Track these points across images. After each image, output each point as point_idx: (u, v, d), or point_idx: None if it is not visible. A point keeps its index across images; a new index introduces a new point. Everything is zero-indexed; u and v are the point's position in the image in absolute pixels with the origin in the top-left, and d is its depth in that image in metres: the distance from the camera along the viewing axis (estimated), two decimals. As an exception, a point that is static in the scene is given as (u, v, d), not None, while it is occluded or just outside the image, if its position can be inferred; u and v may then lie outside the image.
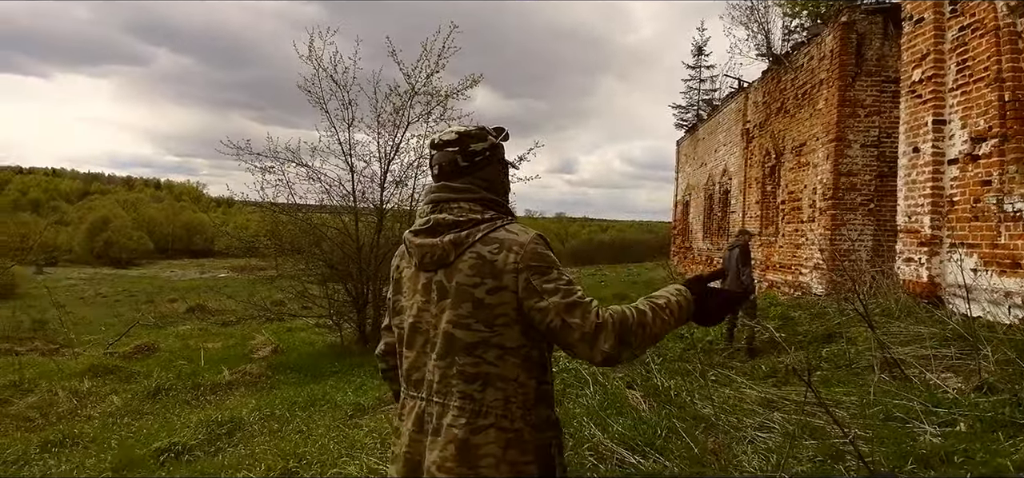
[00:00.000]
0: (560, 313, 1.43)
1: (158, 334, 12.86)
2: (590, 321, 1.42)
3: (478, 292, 1.46)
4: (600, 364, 1.46)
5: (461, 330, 1.47)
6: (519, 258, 1.46)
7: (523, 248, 1.46)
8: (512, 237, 1.49)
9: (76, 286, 29.57)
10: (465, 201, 1.54)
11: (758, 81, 14.56)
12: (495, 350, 1.47)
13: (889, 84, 10.13)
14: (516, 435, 1.47)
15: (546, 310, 1.43)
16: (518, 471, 1.46)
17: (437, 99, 9.85)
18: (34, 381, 7.53)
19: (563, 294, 1.44)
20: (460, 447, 1.45)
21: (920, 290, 7.13)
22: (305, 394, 6.73)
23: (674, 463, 3.38)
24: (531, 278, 1.45)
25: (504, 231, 1.50)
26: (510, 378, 1.48)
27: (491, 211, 1.55)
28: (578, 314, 1.43)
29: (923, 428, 3.78)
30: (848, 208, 10.39)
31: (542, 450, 1.51)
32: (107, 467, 4.73)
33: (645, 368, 5.85)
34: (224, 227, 14.73)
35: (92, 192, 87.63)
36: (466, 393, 1.47)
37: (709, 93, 27.31)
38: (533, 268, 1.45)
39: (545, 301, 1.43)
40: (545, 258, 1.47)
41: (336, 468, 3.80)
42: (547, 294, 1.44)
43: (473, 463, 1.44)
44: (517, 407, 1.48)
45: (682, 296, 1.55)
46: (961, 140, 6.74)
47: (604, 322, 1.43)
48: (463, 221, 1.51)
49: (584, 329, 1.42)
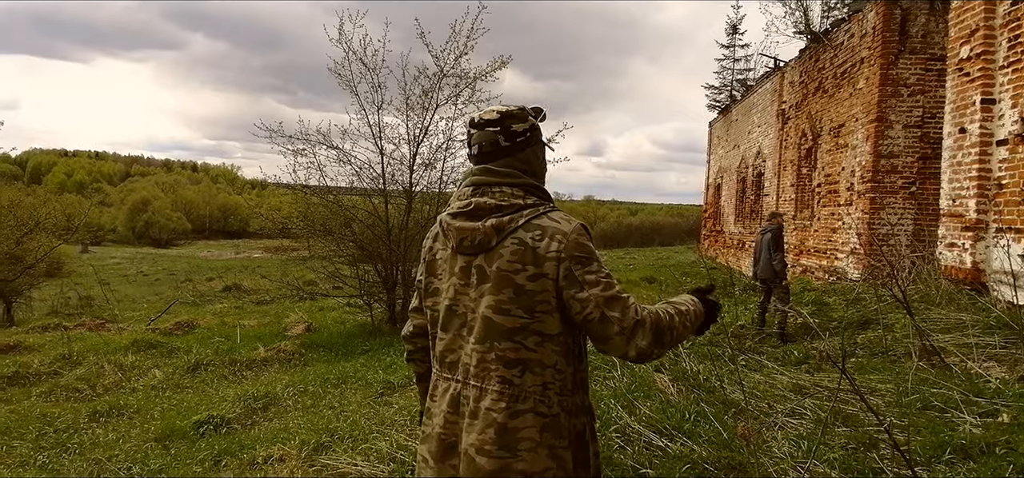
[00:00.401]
0: (600, 306, 1.43)
1: (196, 311, 13.26)
2: (630, 317, 1.43)
3: (519, 278, 1.46)
4: (633, 360, 1.48)
5: (501, 315, 1.47)
6: (562, 247, 1.45)
7: (566, 237, 1.46)
8: (555, 225, 1.48)
9: (119, 265, 30.66)
10: (507, 185, 1.52)
11: (795, 60, 14.15)
12: (535, 336, 1.47)
13: (935, 62, 9.73)
14: (553, 420, 1.48)
15: (586, 301, 1.44)
16: (554, 455, 1.47)
17: (466, 81, 9.81)
18: (82, 354, 7.84)
19: (604, 287, 1.44)
20: (499, 430, 1.45)
21: (963, 276, 6.90)
22: (337, 371, 6.88)
23: (702, 447, 3.36)
24: (573, 267, 1.44)
25: (547, 218, 1.49)
26: (548, 364, 1.48)
27: (533, 196, 1.54)
28: (618, 308, 1.44)
29: (962, 418, 3.68)
30: (888, 191, 10.06)
31: (577, 435, 1.53)
32: (151, 437, 4.93)
33: (673, 352, 5.81)
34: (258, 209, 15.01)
35: (133, 174, 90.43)
36: (505, 377, 1.47)
37: (743, 73, 26.62)
38: (575, 258, 1.45)
39: (586, 292, 1.44)
40: (587, 249, 1.47)
41: (367, 443, 3.89)
42: (588, 285, 1.44)
43: (512, 446, 1.45)
44: (554, 393, 1.49)
45: (697, 306, 1.62)
46: (1011, 120, 6.44)
47: (643, 320, 1.45)
48: (505, 206, 1.50)
49: (623, 324, 1.43)
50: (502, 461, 1.45)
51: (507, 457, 1.45)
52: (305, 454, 3.86)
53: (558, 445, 1.48)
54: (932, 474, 3.05)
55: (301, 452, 3.89)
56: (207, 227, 62.64)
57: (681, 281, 14.70)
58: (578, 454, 1.53)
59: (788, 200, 14.04)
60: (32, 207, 16.29)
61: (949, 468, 3.10)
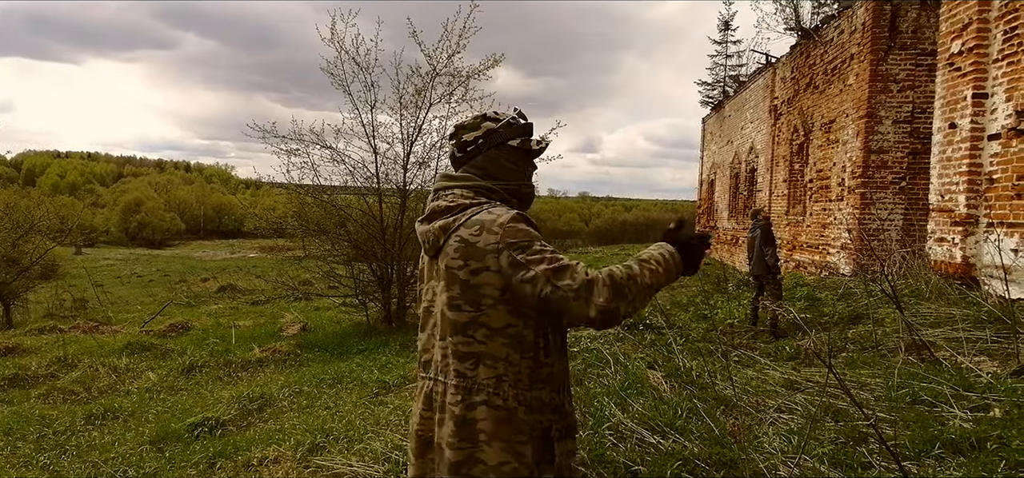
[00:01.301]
0: (549, 279, 1.43)
1: (191, 313, 13.24)
2: (580, 279, 1.42)
3: (462, 274, 1.51)
4: (599, 324, 1.44)
5: (453, 311, 1.53)
6: (498, 238, 1.48)
7: (502, 227, 1.49)
8: (492, 218, 1.51)
9: (113, 266, 30.53)
10: (458, 188, 1.61)
11: (786, 56, 14.20)
12: (483, 330, 1.51)
13: (925, 58, 9.78)
14: (509, 413, 1.51)
15: (535, 280, 1.44)
16: (512, 449, 1.50)
17: (459, 80, 9.83)
18: (77, 357, 7.83)
19: (548, 262, 1.45)
20: (458, 423, 1.52)
21: (953, 271, 6.96)
22: (332, 372, 6.89)
23: (694, 444, 3.39)
24: (513, 254, 1.47)
25: (486, 213, 1.53)
26: (500, 357, 1.51)
27: (483, 196, 1.60)
28: (567, 275, 1.43)
29: (952, 412, 3.71)
30: (878, 187, 10.13)
31: (541, 432, 1.53)
32: (146, 440, 4.93)
33: (667, 349, 5.84)
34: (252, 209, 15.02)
35: (125, 175, 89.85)
36: (460, 371, 1.54)
37: (735, 69, 26.72)
38: (513, 244, 1.47)
39: (532, 271, 1.45)
40: (523, 233, 1.49)
41: (362, 443, 3.91)
42: (532, 264, 1.45)
43: (472, 437, 1.50)
44: (509, 386, 1.51)
45: (665, 249, 1.57)
46: (1005, 114, 6.48)
47: (594, 279, 1.43)
48: (453, 207, 1.57)
49: (575, 287, 1.42)
50: (465, 452, 1.51)
51: (469, 448, 1.50)
52: (300, 455, 3.88)
53: (515, 440, 1.50)
54: (921, 468, 3.06)
55: (296, 453, 3.90)
56: (201, 227, 62.37)
57: (675, 277, 14.76)
58: (541, 452, 1.53)
59: (781, 195, 14.10)
60: (27, 209, 16.23)
61: (938, 463, 3.12)
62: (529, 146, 1.67)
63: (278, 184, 10.88)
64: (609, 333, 6.31)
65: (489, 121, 1.66)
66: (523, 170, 1.69)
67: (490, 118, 1.67)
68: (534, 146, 1.68)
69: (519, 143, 1.65)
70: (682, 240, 1.61)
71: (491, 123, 1.65)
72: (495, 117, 1.67)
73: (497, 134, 1.64)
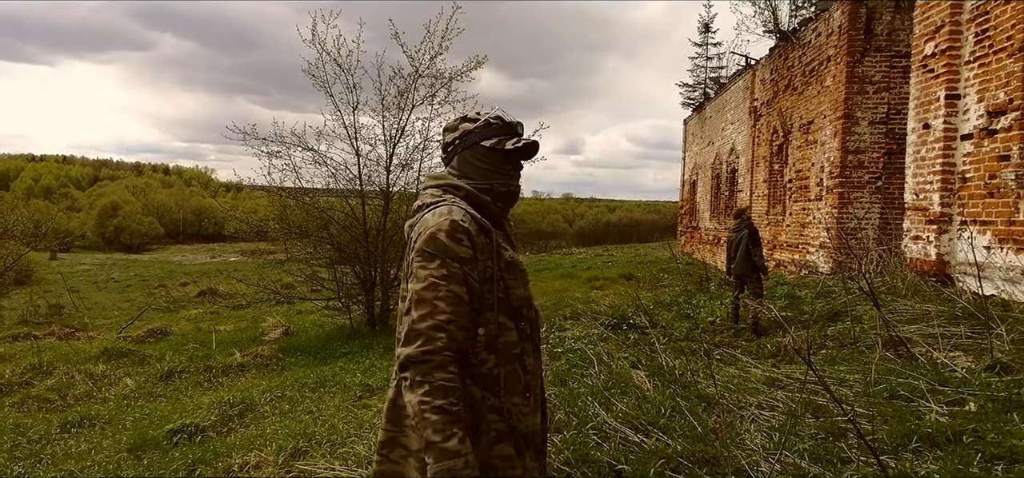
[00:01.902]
0: (410, 302, 1.48)
1: (170, 318, 13.03)
2: (416, 327, 1.44)
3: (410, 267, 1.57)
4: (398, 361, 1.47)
5: (403, 302, 1.58)
6: (417, 239, 1.53)
7: (425, 230, 1.52)
8: (429, 219, 1.54)
9: (89, 271, 29.96)
10: (430, 187, 1.67)
11: (765, 58, 14.40)
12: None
13: (899, 59, 9.98)
14: None
15: (408, 294, 1.50)
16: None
17: (441, 81, 9.81)
18: (52, 364, 7.67)
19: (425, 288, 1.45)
20: (390, 405, 1.58)
21: (928, 268, 7.10)
22: (315, 375, 6.82)
23: (677, 441, 3.41)
24: (415, 259, 1.50)
25: (431, 213, 1.56)
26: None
27: (449, 194, 1.63)
28: (418, 310, 1.45)
29: (929, 407, 3.78)
30: (855, 186, 10.31)
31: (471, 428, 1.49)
32: (123, 448, 4.84)
33: (650, 348, 5.88)
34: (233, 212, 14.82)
35: (102, 178, 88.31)
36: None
37: (716, 71, 27.02)
38: (419, 251, 1.50)
39: (409, 284, 1.50)
40: (435, 246, 1.48)
41: (345, 447, 3.88)
42: (413, 279, 1.49)
43: (398, 420, 1.55)
44: None
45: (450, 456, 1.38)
46: (977, 114, 6.62)
47: (425, 341, 1.42)
48: (421, 206, 1.64)
49: (408, 329, 1.46)
50: (390, 434, 1.56)
51: (394, 431, 1.56)
52: (282, 460, 3.83)
53: None
54: (899, 462, 3.12)
55: (278, 458, 3.86)
56: (181, 231, 61.51)
57: (659, 277, 14.86)
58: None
59: (761, 196, 14.28)
60: (1, 214, 15.87)
61: (916, 456, 3.17)
62: (504, 146, 1.66)
63: (259, 187, 10.76)
64: (593, 333, 6.34)
65: (467, 122, 1.70)
66: (499, 169, 1.68)
67: (469, 119, 1.71)
68: (510, 146, 1.66)
69: (493, 143, 1.66)
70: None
71: (469, 124, 1.70)
72: (474, 118, 1.71)
73: (472, 135, 1.68)
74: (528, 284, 1.66)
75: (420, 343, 1.42)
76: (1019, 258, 5.88)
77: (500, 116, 1.71)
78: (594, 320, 7.87)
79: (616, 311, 8.18)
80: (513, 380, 1.55)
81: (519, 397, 1.56)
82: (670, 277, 14.30)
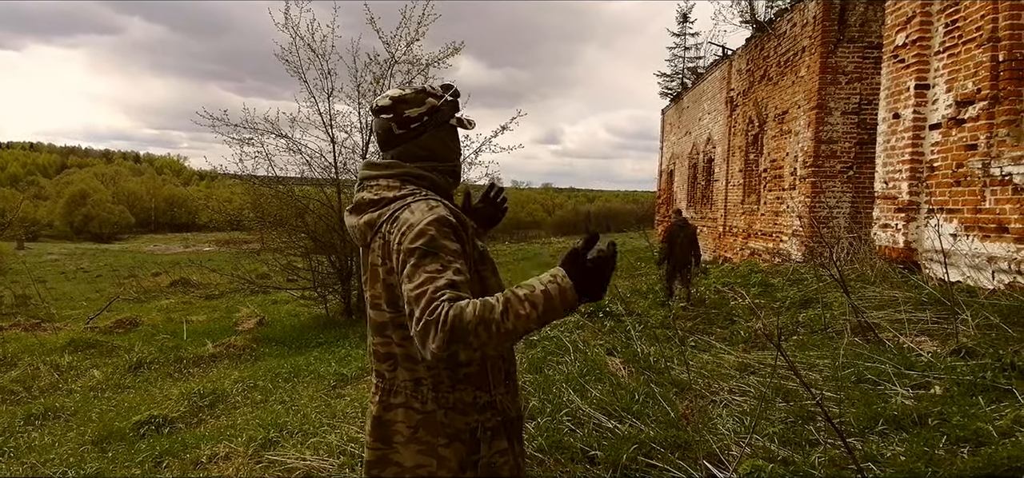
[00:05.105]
0: (409, 303, 1.31)
1: (140, 308, 12.76)
2: (425, 317, 1.26)
3: (382, 272, 1.44)
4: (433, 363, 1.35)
5: (374, 310, 1.48)
6: (402, 240, 1.37)
7: (411, 229, 1.37)
8: (408, 216, 1.40)
9: (57, 261, 29.20)
10: (384, 178, 1.50)
11: (742, 49, 14.51)
12: (400, 331, 1.44)
13: (872, 50, 10.13)
14: (427, 417, 1.44)
15: (405, 298, 1.33)
16: (432, 451, 1.44)
17: (418, 68, 9.72)
18: (17, 356, 7.48)
19: (417, 284, 1.30)
20: (375, 423, 1.48)
21: (896, 256, 7.24)
22: (289, 365, 6.74)
23: (650, 427, 3.43)
24: (406, 260, 1.35)
25: (408, 210, 1.42)
26: (417, 359, 1.43)
27: (410, 185, 1.48)
28: (420, 305, 1.27)
29: (895, 390, 3.85)
30: (828, 176, 10.47)
31: (466, 434, 1.46)
32: (88, 440, 4.73)
33: (626, 335, 5.92)
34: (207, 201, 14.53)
35: (70, 165, 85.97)
36: (380, 372, 1.50)
37: (694, 61, 27.19)
38: (409, 251, 1.35)
39: (404, 287, 1.34)
40: (425, 241, 1.34)
41: (317, 437, 3.83)
42: (407, 280, 1.32)
43: (387, 438, 1.46)
44: (429, 389, 1.45)
45: (555, 282, 1.31)
46: (945, 104, 6.74)
47: (438, 319, 1.25)
48: (378, 201, 1.48)
49: (417, 326, 1.27)
50: (379, 452, 1.47)
51: (383, 449, 1.46)
52: (252, 450, 3.77)
53: (436, 442, 1.43)
54: (866, 444, 3.18)
55: (248, 449, 3.80)
56: (153, 220, 60.24)
57: (636, 266, 14.97)
58: (469, 455, 1.46)
59: (737, 185, 14.43)
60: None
61: (882, 438, 3.23)
62: (463, 124, 1.59)
63: (232, 175, 10.57)
64: (569, 321, 6.35)
65: (431, 97, 1.54)
66: (459, 147, 1.63)
67: (431, 92, 1.55)
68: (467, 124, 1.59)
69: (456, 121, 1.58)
70: (584, 265, 1.35)
71: (433, 98, 1.54)
72: (434, 91, 1.56)
73: (441, 112, 1.54)
74: (498, 272, 1.61)
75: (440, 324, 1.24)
76: (984, 245, 6.02)
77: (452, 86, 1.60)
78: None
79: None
80: (496, 371, 1.52)
81: (502, 386, 1.54)
82: (646, 266, 14.41)
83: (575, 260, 1.34)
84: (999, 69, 6.02)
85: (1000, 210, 5.89)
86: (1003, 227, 5.84)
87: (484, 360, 1.48)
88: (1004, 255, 5.78)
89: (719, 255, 15.34)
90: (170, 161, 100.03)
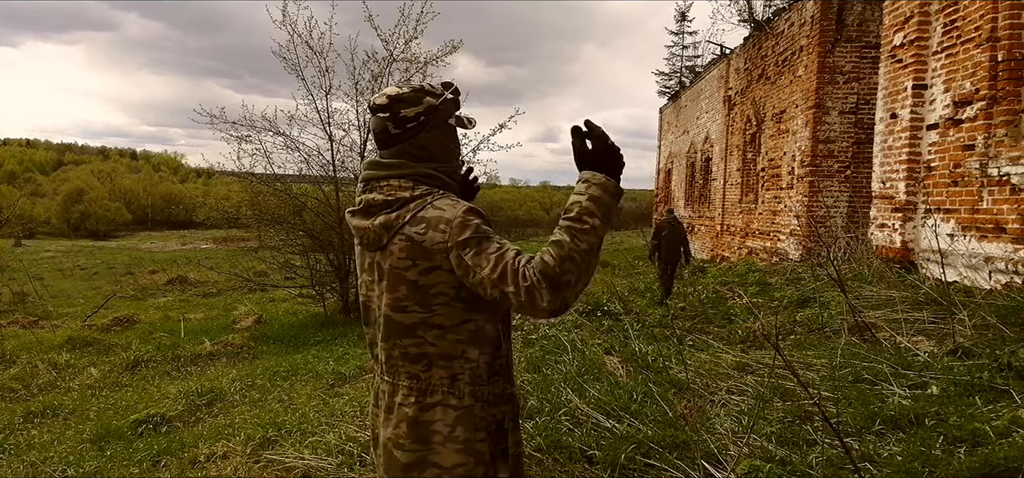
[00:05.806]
0: (496, 285, 1.34)
1: (138, 306, 12.73)
2: (522, 287, 1.31)
3: (411, 275, 1.42)
4: (552, 317, 1.40)
5: (399, 313, 1.45)
6: (446, 237, 1.39)
7: (450, 225, 1.39)
8: (439, 214, 1.41)
9: (55, 258, 29.07)
10: (394, 178, 1.47)
11: (740, 48, 14.52)
12: (435, 330, 1.44)
13: (869, 50, 10.15)
14: (465, 412, 1.45)
15: (483, 285, 1.36)
16: (470, 448, 1.45)
17: (416, 66, 9.71)
18: (15, 353, 7.47)
19: (492, 266, 1.34)
20: (412, 424, 1.46)
21: (893, 255, 7.26)
22: (287, 364, 6.74)
23: (648, 427, 3.44)
24: (462, 255, 1.37)
25: (432, 208, 1.42)
26: (455, 355, 1.45)
27: (423, 186, 1.47)
28: (510, 282, 1.32)
29: (892, 390, 3.86)
30: (825, 175, 10.49)
31: (496, 425, 1.50)
32: (86, 438, 4.73)
33: (624, 334, 5.93)
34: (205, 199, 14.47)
35: (66, 162, 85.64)
36: (412, 373, 1.47)
37: (692, 60, 27.17)
38: (461, 243, 1.37)
39: (477, 276, 1.36)
40: (471, 230, 1.38)
41: (315, 436, 3.83)
42: (478, 268, 1.36)
43: (426, 439, 1.45)
44: (466, 384, 1.46)
45: (591, 186, 1.39)
46: (943, 104, 6.75)
47: (532, 282, 1.30)
48: (392, 201, 1.45)
49: (520, 297, 1.31)
50: (417, 454, 1.45)
51: (422, 450, 1.45)
52: (250, 450, 3.77)
53: (474, 438, 1.45)
54: (863, 444, 3.19)
55: (246, 448, 3.80)
56: (150, 218, 59.98)
57: (633, 265, 14.99)
58: (497, 446, 1.49)
59: (734, 184, 14.45)
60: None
61: (879, 438, 3.24)
62: (463, 123, 1.57)
63: (229, 172, 10.55)
64: (566, 320, 6.36)
65: (429, 96, 1.51)
66: (458, 148, 1.61)
67: (429, 91, 1.52)
68: (467, 123, 1.58)
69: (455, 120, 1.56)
70: (592, 155, 1.43)
71: (432, 97, 1.51)
72: (433, 90, 1.53)
73: (440, 112, 1.51)
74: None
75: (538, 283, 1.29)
76: (982, 245, 6.04)
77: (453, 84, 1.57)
78: (569, 307, 7.91)
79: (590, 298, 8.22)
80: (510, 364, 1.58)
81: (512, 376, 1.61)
82: (644, 264, 14.43)
83: (585, 157, 1.44)
84: (998, 69, 6.03)
85: (998, 210, 5.90)
86: (1000, 227, 5.85)
87: (509, 352, 1.54)
88: (1001, 255, 5.80)
89: (717, 254, 15.36)
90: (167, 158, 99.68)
